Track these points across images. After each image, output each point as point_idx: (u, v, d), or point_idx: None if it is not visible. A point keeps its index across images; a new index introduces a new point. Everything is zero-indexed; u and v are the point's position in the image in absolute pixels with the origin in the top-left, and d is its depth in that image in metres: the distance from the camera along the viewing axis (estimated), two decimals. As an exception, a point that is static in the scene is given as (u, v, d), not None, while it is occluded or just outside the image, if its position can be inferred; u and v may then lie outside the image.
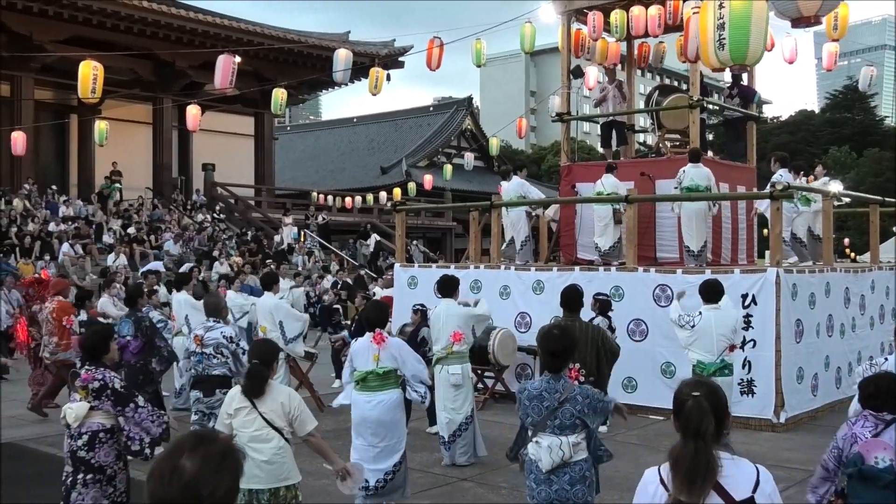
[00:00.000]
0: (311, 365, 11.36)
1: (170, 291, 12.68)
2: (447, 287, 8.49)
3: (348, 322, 14.37)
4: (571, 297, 6.84)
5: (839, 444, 4.36)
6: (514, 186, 13.42)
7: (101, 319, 11.35)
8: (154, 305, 11.29)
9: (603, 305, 9.75)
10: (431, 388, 8.07)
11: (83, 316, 10.98)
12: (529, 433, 4.71)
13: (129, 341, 8.73)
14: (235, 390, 5.15)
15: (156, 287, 13.04)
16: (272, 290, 10.60)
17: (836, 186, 14.32)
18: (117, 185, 26.43)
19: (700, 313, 7.75)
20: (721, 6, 7.18)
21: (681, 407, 2.92)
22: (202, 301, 8.70)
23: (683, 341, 7.90)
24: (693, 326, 7.72)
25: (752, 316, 9.79)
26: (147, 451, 5.31)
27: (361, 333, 11.59)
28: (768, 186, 11.26)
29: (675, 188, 11.39)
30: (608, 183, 12.35)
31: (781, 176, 11.89)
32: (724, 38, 7.23)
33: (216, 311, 7.52)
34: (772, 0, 8.71)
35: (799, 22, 6.60)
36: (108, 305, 12.45)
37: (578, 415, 4.62)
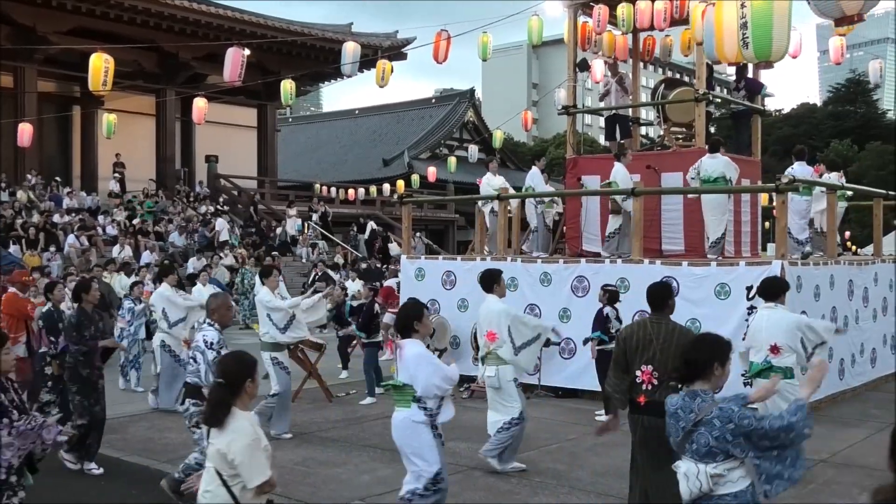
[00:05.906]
0: (320, 356, 11.41)
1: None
2: (487, 281, 7.85)
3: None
4: (657, 294, 5.65)
5: None
6: (496, 182, 13.26)
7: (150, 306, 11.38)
8: (136, 297, 12.14)
9: (612, 296, 9.86)
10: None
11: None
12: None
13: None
14: None
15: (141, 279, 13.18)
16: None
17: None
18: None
19: (756, 309, 7.29)
20: (743, 5, 7.26)
21: None
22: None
23: (744, 347, 7.31)
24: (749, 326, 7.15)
25: (756, 308, 9.83)
26: (13, 478, 4.47)
27: (367, 328, 11.69)
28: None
29: (692, 179, 11.45)
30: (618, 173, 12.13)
31: (793, 169, 12.01)
32: (747, 37, 7.31)
33: (206, 309, 6.73)
34: (813, 1, 8.77)
35: (842, 21, 6.70)
36: (172, 294, 11.12)
37: (717, 443, 3.82)
